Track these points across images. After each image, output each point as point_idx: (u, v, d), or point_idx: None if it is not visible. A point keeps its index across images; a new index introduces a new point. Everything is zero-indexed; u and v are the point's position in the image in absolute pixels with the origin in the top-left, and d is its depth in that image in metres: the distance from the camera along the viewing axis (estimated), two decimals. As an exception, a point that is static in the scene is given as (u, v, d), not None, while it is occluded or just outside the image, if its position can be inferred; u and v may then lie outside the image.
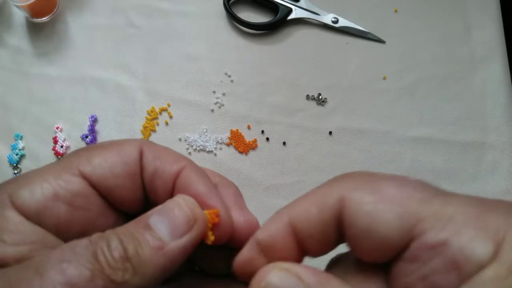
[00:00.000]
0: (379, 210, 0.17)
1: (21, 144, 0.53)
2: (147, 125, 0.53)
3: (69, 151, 0.53)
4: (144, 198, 0.23)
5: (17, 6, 0.53)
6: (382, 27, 0.55)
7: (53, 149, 0.52)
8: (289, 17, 0.55)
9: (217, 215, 0.21)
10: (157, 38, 0.56)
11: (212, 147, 0.52)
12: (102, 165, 0.21)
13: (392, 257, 0.18)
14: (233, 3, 0.56)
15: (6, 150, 0.53)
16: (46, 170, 0.21)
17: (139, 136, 0.53)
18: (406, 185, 0.18)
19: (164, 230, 0.19)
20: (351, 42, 0.55)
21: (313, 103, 0.53)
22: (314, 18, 0.55)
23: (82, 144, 0.53)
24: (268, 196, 0.50)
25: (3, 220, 0.19)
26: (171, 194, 0.22)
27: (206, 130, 0.53)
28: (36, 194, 0.19)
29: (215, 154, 0.52)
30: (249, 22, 0.55)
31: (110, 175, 0.21)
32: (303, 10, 0.55)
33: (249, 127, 0.53)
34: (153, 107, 0.53)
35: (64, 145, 0.52)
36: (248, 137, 0.52)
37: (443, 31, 0.55)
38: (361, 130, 0.52)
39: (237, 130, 0.53)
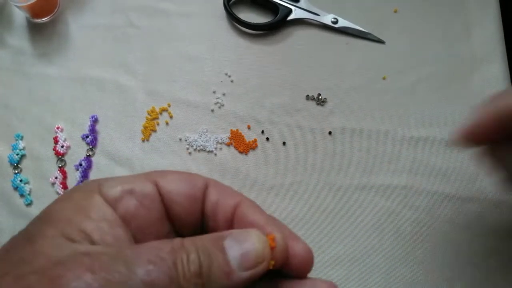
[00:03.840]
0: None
1: (21, 144, 0.53)
2: (147, 125, 0.53)
3: (69, 151, 0.53)
4: (200, 225, 0.26)
5: (17, 7, 0.53)
6: (382, 27, 0.55)
7: (54, 149, 0.53)
8: (289, 18, 0.55)
9: (274, 240, 0.23)
10: (157, 38, 0.56)
11: (212, 147, 0.52)
12: (173, 181, 0.25)
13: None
14: (233, 3, 0.56)
15: (6, 150, 0.53)
16: (131, 176, 0.26)
17: (139, 136, 0.53)
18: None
19: (235, 258, 0.21)
20: (351, 43, 0.55)
21: (313, 103, 0.53)
22: (314, 18, 0.55)
23: (83, 144, 0.53)
24: (268, 196, 0.50)
25: (92, 201, 0.23)
26: (230, 223, 0.25)
27: (206, 130, 0.53)
28: (118, 186, 0.24)
29: (215, 154, 0.52)
30: (249, 22, 0.55)
31: (176, 190, 0.25)
32: (303, 11, 0.55)
33: (249, 127, 0.53)
34: (153, 107, 0.53)
35: (65, 145, 0.53)
36: (248, 137, 0.53)
37: (443, 31, 0.55)
38: (361, 130, 0.52)
39: (237, 130, 0.53)
